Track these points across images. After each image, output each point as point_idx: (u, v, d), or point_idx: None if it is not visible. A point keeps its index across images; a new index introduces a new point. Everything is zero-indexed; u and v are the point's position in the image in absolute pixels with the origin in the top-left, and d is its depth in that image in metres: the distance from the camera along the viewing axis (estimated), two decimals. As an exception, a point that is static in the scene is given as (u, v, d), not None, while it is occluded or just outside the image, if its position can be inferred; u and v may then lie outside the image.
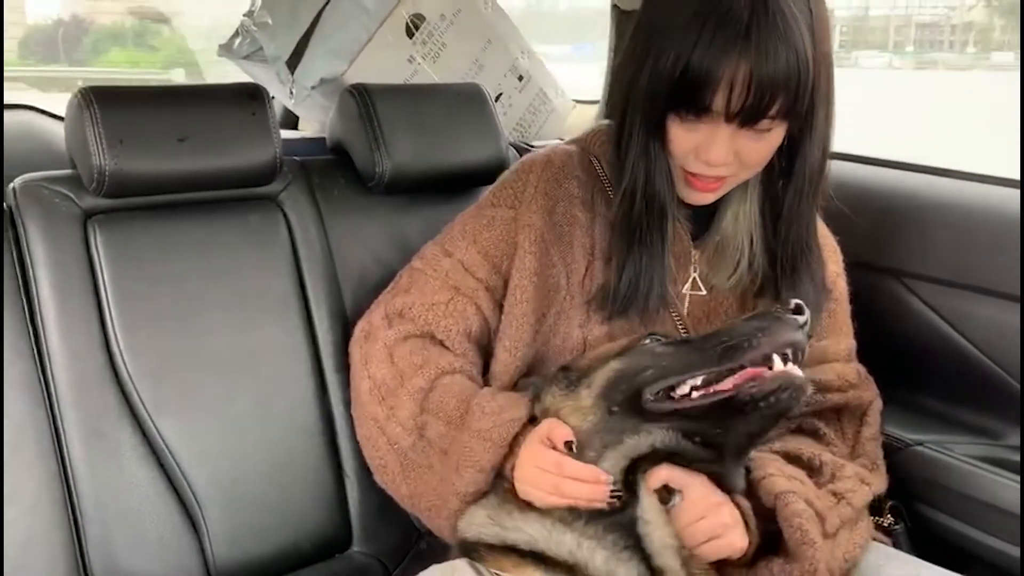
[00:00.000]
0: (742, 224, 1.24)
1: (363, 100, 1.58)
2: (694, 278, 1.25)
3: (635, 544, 1.04)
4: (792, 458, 1.20)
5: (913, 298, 1.50)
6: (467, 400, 1.18)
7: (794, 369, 1.03)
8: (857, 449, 1.28)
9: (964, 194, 1.48)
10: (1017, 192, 1.40)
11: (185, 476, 1.34)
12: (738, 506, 1.11)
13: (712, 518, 1.07)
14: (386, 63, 1.92)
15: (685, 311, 1.26)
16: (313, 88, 1.92)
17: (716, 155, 1.11)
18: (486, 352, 1.30)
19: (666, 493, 1.07)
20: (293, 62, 1.93)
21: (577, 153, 1.31)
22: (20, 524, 1.23)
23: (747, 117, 1.07)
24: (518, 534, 1.07)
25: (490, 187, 1.38)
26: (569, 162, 1.29)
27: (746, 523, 1.11)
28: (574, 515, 1.06)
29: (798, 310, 1.05)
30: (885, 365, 1.37)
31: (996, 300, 1.39)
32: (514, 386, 1.25)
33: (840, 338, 1.32)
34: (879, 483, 1.26)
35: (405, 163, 1.57)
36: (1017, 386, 1.39)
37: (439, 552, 1.40)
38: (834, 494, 1.17)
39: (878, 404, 1.33)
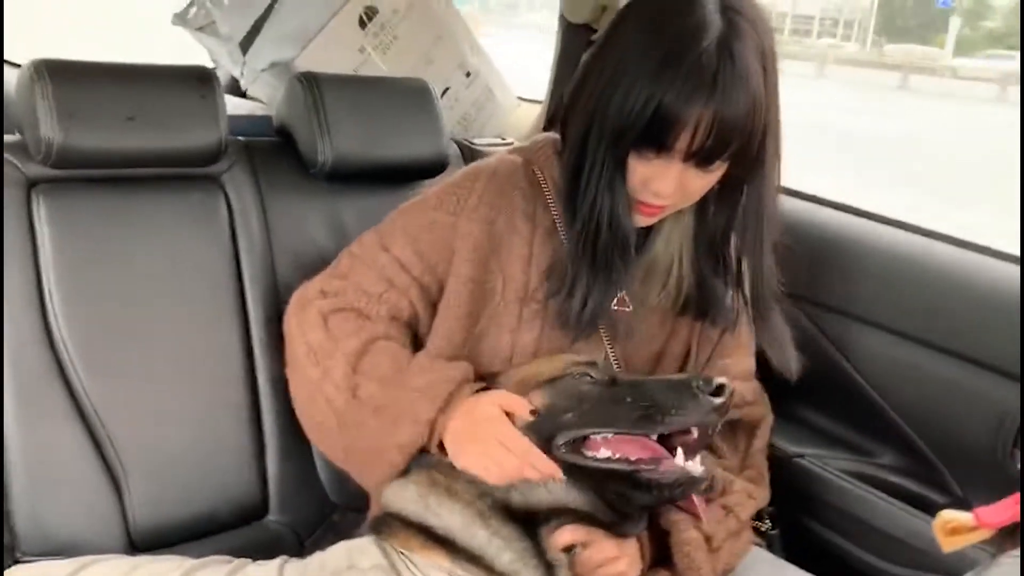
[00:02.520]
0: (674, 244, 1.31)
1: (311, 89, 1.63)
2: (622, 295, 1.31)
3: (540, 555, 1.12)
4: None
5: (805, 320, 1.61)
6: (400, 362, 1.24)
7: (693, 466, 1.11)
8: (747, 461, 1.38)
9: (857, 228, 1.60)
10: (901, 232, 1.52)
11: (111, 439, 1.39)
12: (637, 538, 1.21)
13: (610, 567, 1.17)
14: (337, 51, 1.97)
15: (611, 326, 1.32)
16: (263, 71, 1.96)
17: (665, 188, 1.17)
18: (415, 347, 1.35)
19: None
20: (246, 43, 1.97)
21: (522, 164, 1.36)
22: (-53, 479, 1.27)
23: (704, 158, 1.14)
24: (437, 519, 1.14)
25: (432, 182, 1.43)
26: (515, 173, 1.34)
27: (642, 554, 1.22)
28: (492, 511, 1.13)
29: (718, 391, 1.12)
30: (775, 381, 1.49)
31: (877, 331, 1.51)
32: None
33: (742, 358, 1.41)
34: (763, 495, 1.36)
35: (348, 153, 1.63)
36: (890, 411, 1.52)
37: (351, 525, 1.49)
38: (724, 507, 1.27)
39: (770, 419, 1.43)
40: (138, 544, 1.41)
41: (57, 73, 1.37)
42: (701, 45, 1.09)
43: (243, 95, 2.52)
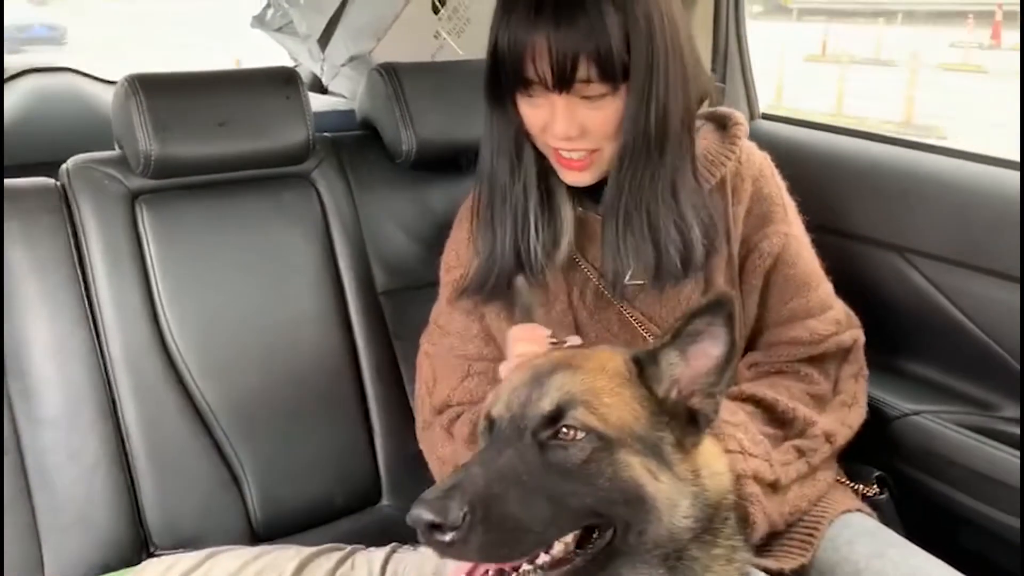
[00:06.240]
0: (632, 207, 1.25)
1: (391, 80, 1.65)
2: (633, 267, 1.26)
3: None
4: (767, 406, 1.25)
5: (914, 272, 1.54)
6: None
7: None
8: (839, 386, 1.34)
9: (965, 173, 1.52)
10: (1016, 174, 1.44)
11: (227, 436, 1.45)
12: None
13: None
14: (413, 39, 1.98)
15: (635, 304, 1.29)
16: (342, 66, 1.99)
17: (560, 127, 1.20)
18: None
19: None
20: (324, 39, 2.00)
21: None
22: (84, 481, 1.35)
23: (561, 83, 1.16)
24: None
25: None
26: None
27: None
28: None
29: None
30: (884, 335, 1.43)
31: (993, 279, 1.44)
32: None
33: (807, 295, 1.33)
34: (855, 418, 1.32)
35: (431, 139, 1.65)
36: (1013, 362, 1.44)
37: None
38: (797, 449, 1.24)
39: (860, 341, 1.36)
40: (260, 533, 1.47)
41: (149, 87, 1.42)
42: None
43: (325, 91, 2.57)
